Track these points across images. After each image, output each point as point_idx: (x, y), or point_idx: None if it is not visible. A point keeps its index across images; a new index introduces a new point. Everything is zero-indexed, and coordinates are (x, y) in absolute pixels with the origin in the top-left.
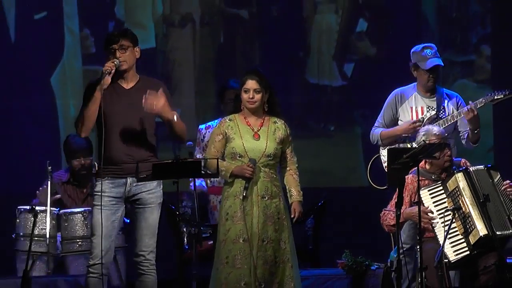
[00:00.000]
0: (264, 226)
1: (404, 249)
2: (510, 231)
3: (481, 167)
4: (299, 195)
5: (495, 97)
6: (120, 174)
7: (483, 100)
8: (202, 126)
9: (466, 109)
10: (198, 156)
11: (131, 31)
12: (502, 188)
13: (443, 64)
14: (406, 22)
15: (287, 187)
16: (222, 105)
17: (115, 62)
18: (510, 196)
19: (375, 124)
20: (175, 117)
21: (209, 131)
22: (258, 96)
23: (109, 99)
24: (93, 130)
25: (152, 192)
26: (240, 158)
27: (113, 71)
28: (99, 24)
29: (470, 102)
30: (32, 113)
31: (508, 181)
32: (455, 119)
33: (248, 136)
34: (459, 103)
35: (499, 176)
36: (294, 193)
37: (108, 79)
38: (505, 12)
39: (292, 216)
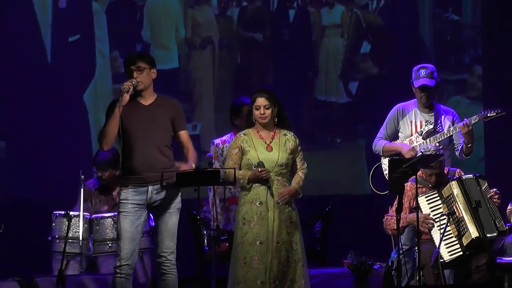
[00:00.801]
0: (279, 229)
1: (404, 250)
2: (496, 233)
3: (471, 176)
4: (296, 184)
5: (488, 115)
6: (141, 183)
7: (477, 117)
8: (217, 141)
9: (462, 124)
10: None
11: (149, 54)
12: (488, 196)
13: (432, 85)
14: (405, 44)
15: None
16: (238, 120)
17: (133, 82)
18: (496, 204)
19: (378, 135)
20: (193, 166)
21: (225, 146)
22: (268, 112)
23: (130, 115)
24: (118, 143)
25: (171, 198)
26: (255, 169)
27: (131, 89)
28: (127, 46)
29: (465, 118)
30: (67, 127)
31: (494, 189)
32: (451, 133)
33: (262, 148)
34: (455, 118)
35: (486, 184)
36: (293, 182)
37: (126, 97)
38: (494, 35)
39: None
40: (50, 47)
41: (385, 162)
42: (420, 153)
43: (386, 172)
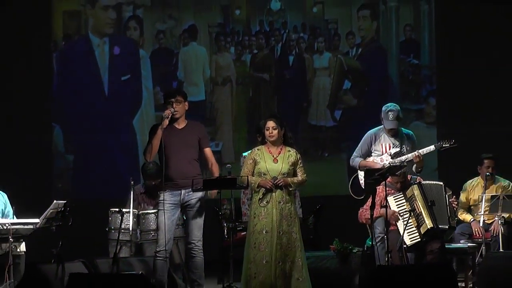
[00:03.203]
0: (280, 222)
1: (380, 237)
2: (447, 226)
3: (440, 183)
4: (290, 179)
5: (443, 145)
6: (176, 187)
7: (426, 150)
8: (245, 154)
9: (415, 155)
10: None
11: (183, 90)
12: (449, 200)
13: (396, 127)
14: (377, 82)
15: None
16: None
17: (172, 110)
18: (454, 208)
19: (354, 153)
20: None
21: None
22: (275, 132)
23: (167, 136)
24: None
25: (198, 199)
26: (264, 176)
27: (170, 116)
28: (166, 83)
29: (417, 150)
30: (120, 146)
31: (454, 197)
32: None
33: (270, 160)
34: (413, 140)
35: (451, 192)
36: (290, 177)
37: (166, 121)
38: (445, 75)
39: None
40: (107, 84)
41: (361, 173)
42: (388, 164)
43: (362, 181)
